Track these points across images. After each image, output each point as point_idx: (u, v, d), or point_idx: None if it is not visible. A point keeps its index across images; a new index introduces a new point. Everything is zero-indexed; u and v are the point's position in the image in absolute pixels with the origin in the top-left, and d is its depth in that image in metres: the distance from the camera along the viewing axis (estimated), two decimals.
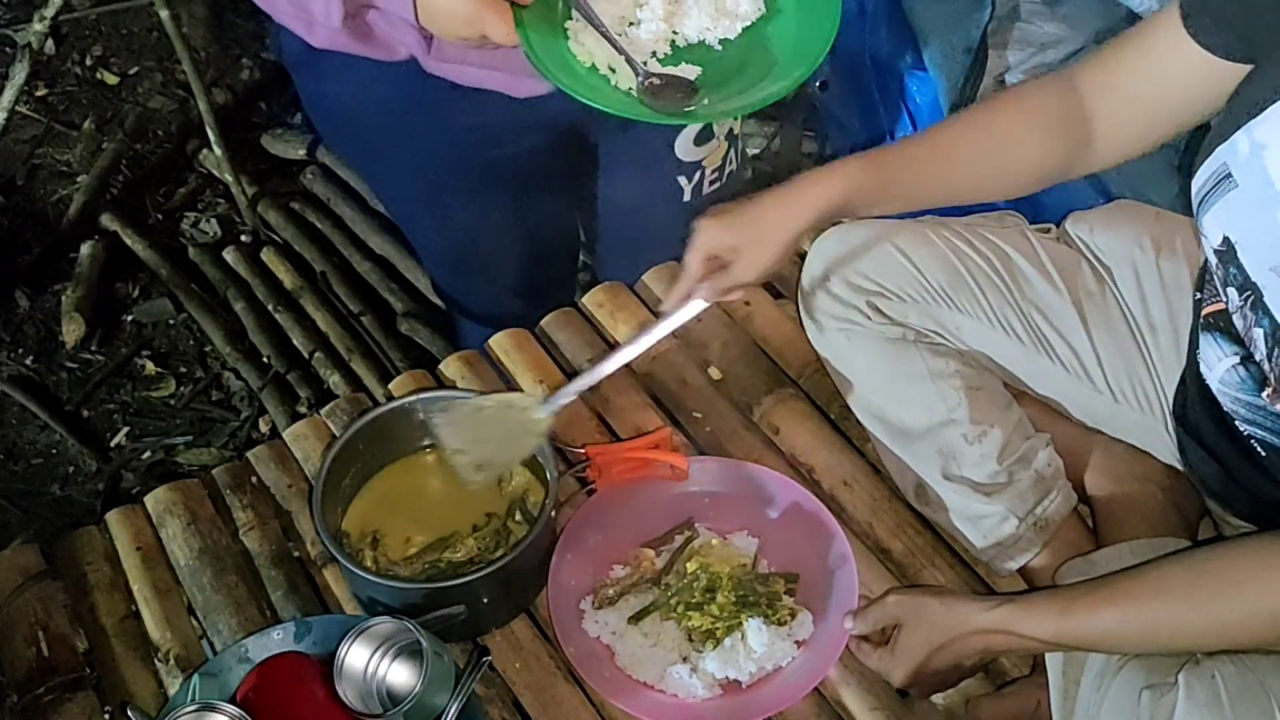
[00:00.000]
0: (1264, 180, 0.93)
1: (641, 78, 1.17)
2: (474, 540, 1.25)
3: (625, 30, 1.21)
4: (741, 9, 1.23)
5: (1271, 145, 0.92)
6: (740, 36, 1.23)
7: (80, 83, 2.68)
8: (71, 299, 2.23)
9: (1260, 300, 0.96)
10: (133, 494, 1.98)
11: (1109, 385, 1.25)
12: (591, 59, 1.21)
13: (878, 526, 1.31)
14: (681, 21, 1.22)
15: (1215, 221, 0.99)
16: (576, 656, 1.18)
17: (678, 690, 1.17)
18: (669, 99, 1.16)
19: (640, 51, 1.20)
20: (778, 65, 1.19)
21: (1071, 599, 1.03)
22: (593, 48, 1.20)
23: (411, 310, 2.22)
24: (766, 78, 1.19)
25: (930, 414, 1.24)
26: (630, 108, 1.17)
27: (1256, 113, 0.93)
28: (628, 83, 1.19)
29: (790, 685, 1.17)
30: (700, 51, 1.22)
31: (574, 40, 1.21)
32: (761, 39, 1.22)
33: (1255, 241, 0.96)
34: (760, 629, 1.18)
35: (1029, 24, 1.55)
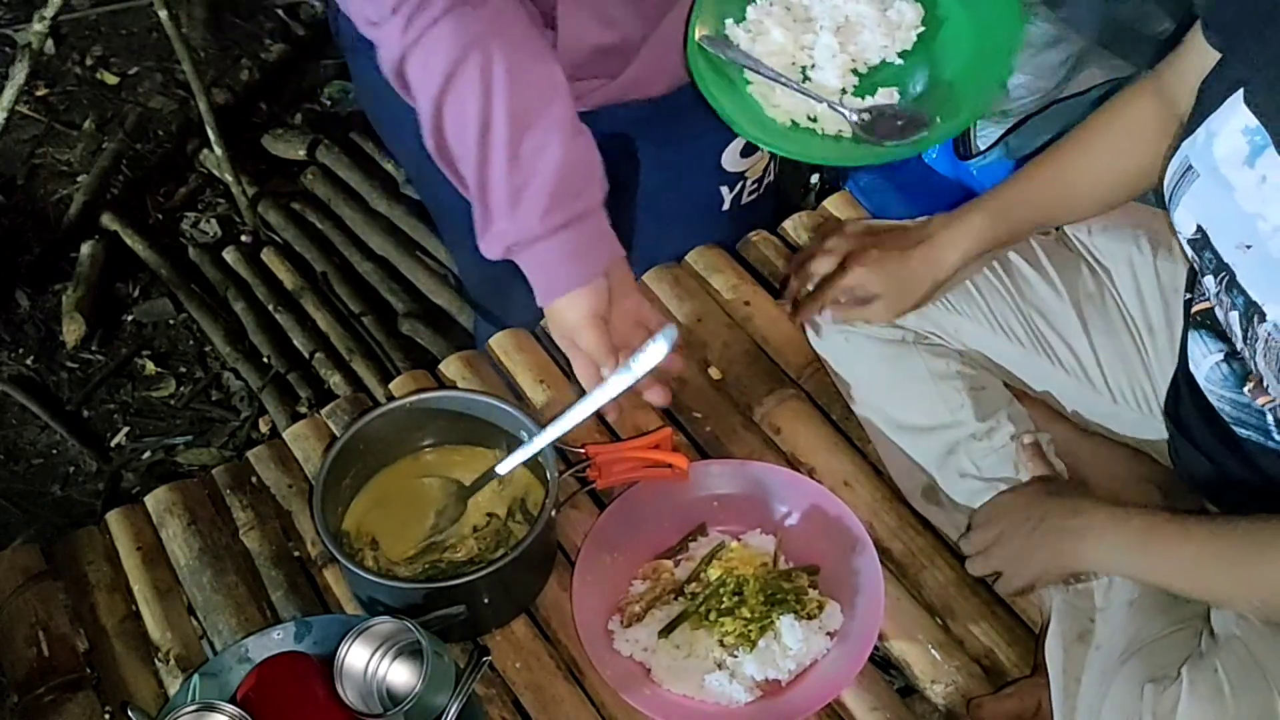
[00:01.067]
0: (1212, 165, 0.97)
1: (851, 115, 1.17)
2: (474, 540, 1.25)
3: (809, 75, 1.21)
4: (907, 17, 1.21)
5: (1220, 133, 0.97)
6: (917, 44, 1.22)
7: (80, 83, 2.68)
8: (71, 299, 2.23)
9: (1234, 280, 0.99)
10: (133, 494, 1.98)
11: (1108, 386, 1.26)
12: (789, 116, 1.20)
13: (878, 526, 1.31)
14: (856, 49, 1.21)
15: (1186, 212, 1.02)
16: (614, 679, 1.17)
17: (719, 698, 1.17)
18: (889, 129, 1.17)
19: (831, 92, 1.19)
20: (970, 57, 1.19)
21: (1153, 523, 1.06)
22: (786, 105, 1.20)
23: (412, 310, 2.22)
24: (967, 75, 1.18)
25: (934, 415, 1.24)
26: (871, 154, 1.19)
27: (1215, 105, 0.98)
28: (835, 126, 1.18)
29: (831, 677, 1.17)
30: (885, 72, 1.21)
31: (766, 105, 1.20)
32: (939, 39, 1.21)
33: (1221, 224, 0.99)
34: (793, 625, 1.18)
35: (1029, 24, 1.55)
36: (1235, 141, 0.96)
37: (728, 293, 1.53)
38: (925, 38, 1.22)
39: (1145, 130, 1.16)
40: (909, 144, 1.17)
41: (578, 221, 1.15)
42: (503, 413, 1.27)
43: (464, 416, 1.29)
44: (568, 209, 1.14)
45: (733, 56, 1.20)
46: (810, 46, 1.21)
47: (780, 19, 1.22)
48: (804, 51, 1.22)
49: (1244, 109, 0.95)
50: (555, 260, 1.16)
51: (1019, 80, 1.54)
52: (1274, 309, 0.96)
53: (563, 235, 1.14)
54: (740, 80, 1.22)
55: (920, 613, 1.24)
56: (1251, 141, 0.95)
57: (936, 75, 1.21)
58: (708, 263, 1.57)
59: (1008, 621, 1.23)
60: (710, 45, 1.21)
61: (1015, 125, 1.49)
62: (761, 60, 1.20)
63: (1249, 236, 0.97)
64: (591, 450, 1.31)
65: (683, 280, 1.55)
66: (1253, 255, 0.97)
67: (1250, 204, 0.96)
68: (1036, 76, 1.52)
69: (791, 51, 1.21)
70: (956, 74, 1.20)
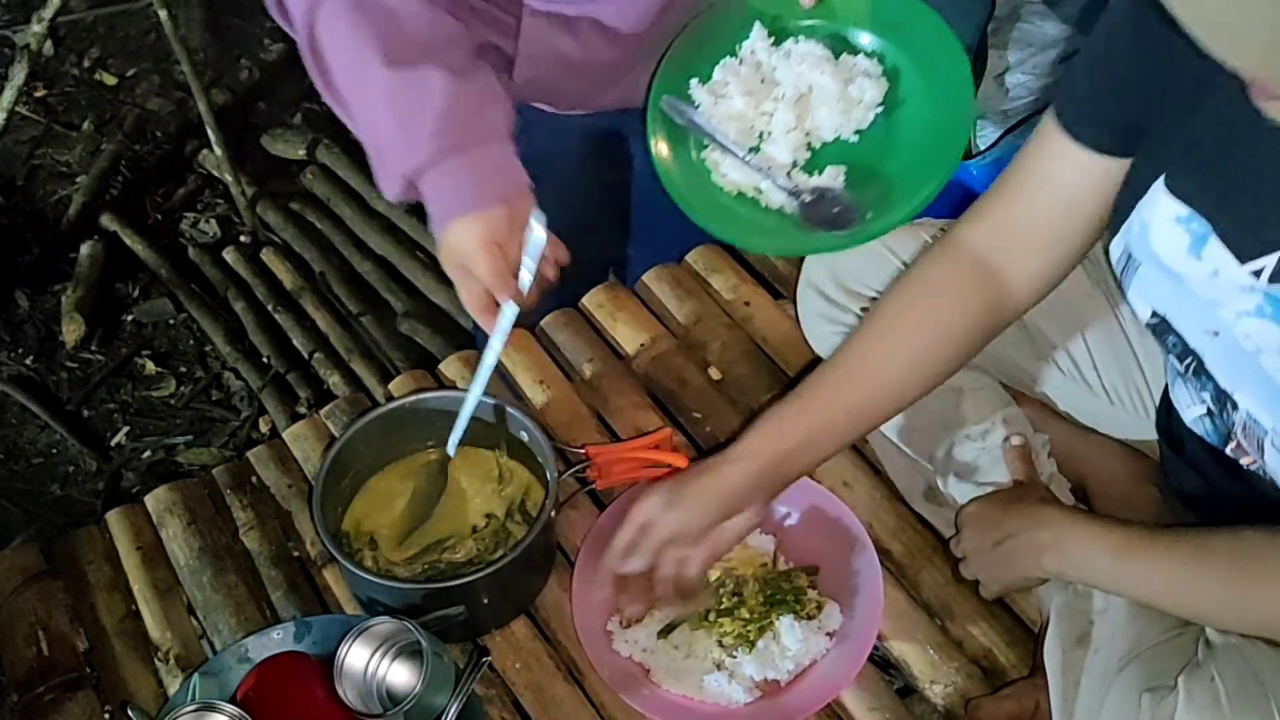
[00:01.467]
0: (1156, 258, 0.94)
1: (792, 196, 1.17)
2: (473, 541, 1.25)
3: (761, 145, 1.21)
4: (868, 95, 1.22)
5: (1153, 223, 0.93)
6: (874, 122, 1.22)
7: (79, 84, 2.68)
8: (71, 299, 2.23)
9: (1202, 366, 0.97)
10: (133, 494, 1.98)
11: (1104, 388, 1.26)
12: (736, 188, 1.21)
13: (877, 526, 1.31)
14: (812, 123, 1.22)
15: (1139, 297, 1.00)
16: (613, 679, 1.17)
17: (718, 699, 1.17)
18: (823, 214, 1.17)
19: (780, 164, 1.20)
20: (924, 143, 1.19)
21: (1130, 539, 1.02)
22: (734, 176, 1.21)
23: (411, 310, 2.22)
24: (917, 161, 1.18)
25: (930, 415, 1.24)
26: (798, 242, 1.20)
27: (1141, 193, 0.94)
28: (779, 200, 1.19)
29: (830, 677, 1.18)
30: (839, 149, 1.22)
31: (715, 172, 1.22)
32: (896, 117, 1.22)
33: (1181, 311, 0.96)
34: (792, 625, 1.18)
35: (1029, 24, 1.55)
36: (1172, 233, 0.91)
37: (727, 293, 1.53)
38: (883, 117, 1.23)
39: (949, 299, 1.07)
40: (839, 236, 1.19)
41: (472, 147, 1.12)
42: (502, 413, 1.27)
43: None
44: (457, 134, 1.11)
45: (689, 121, 1.22)
46: (770, 113, 1.22)
47: (745, 81, 1.24)
48: (764, 117, 1.23)
49: (1169, 197, 0.92)
50: (449, 186, 1.12)
51: (1019, 80, 1.54)
52: (1245, 398, 0.93)
53: (454, 161, 1.11)
54: (696, 143, 1.24)
55: (919, 613, 1.24)
56: (1190, 230, 0.90)
57: (884, 163, 1.22)
58: (708, 263, 1.57)
59: (1007, 622, 1.24)
60: (669, 108, 1.23)
61: (1015, 125, 1.49)
62: (719, 125, 1.21)
63: (1214, 324, 0.93)
64: (591, 451, 1.31)
65: (683, 280, 1.55)
66: (1220, 343, 0.93)
67: (1206, 292, 0.91)
68: (1036, 76, 1.52)
69: (751, 117, 1.23)
70: (898, 170, 1.20)
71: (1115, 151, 0.98)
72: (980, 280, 1.07)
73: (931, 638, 1.22)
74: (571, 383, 1.46)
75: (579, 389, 1.45)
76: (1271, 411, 0.92)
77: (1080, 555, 1.06)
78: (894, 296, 1.11)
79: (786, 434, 1.09)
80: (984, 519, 1.15)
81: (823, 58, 1.23)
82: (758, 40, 1.25)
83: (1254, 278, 0.87)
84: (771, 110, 1.22)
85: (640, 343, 1.49)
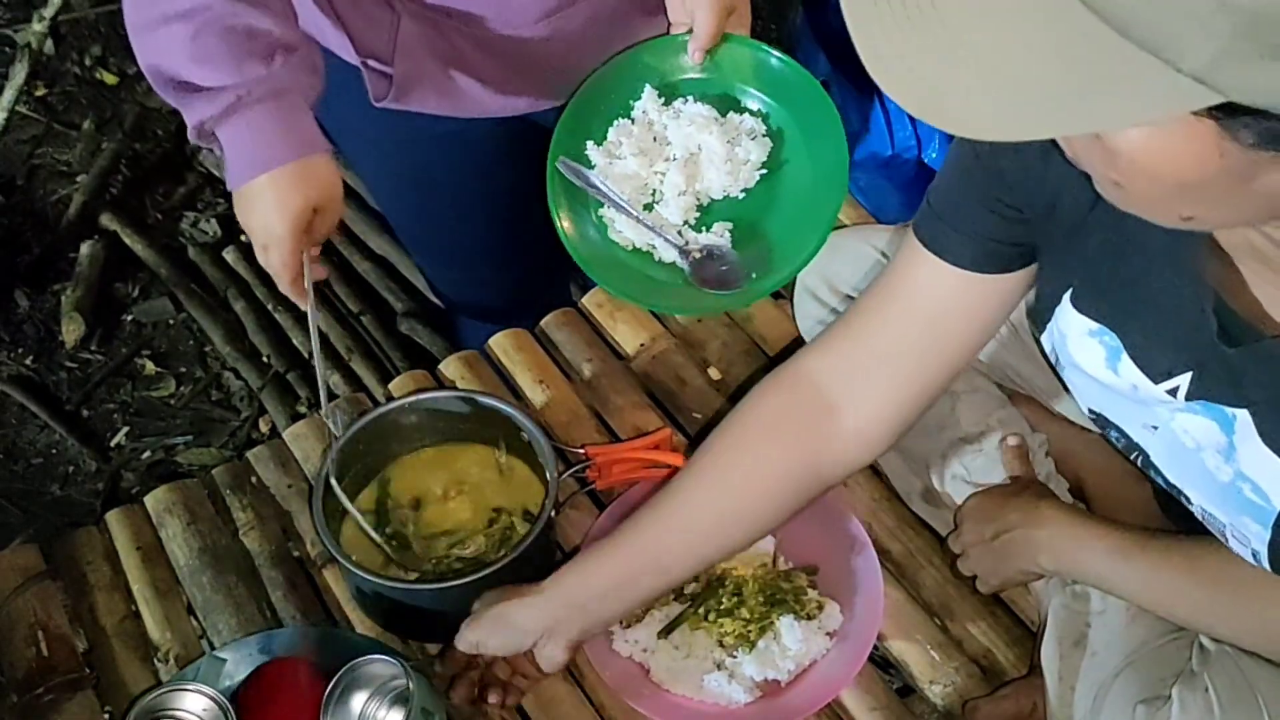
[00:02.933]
0: (1079, 368, 0.92)
1: (682, 255, 1.25)
2: (484, 537, 1.25)
3: (654, 204, 1.28)
4: (753, 156, 1.28)
5: (1069, 334, 0.90)
6: (759, 182, 1.28)
7: (80, 82, 2.68)
8: (71, 299, 2.23)
9: (1149, 460, 0.94)
10: (133, 494, 1.98)
11: None
12: (631, 243, 1.28)
13: (877, 526, 1.31)
14: (702, 184, 1.28)
15: (1075, 395, 0.98)
16: (614, 679, 1.17)
17: (718, 699, 1.17)
18: (711, 273, 1.24)
19: (672, 223, 1.27)
20: (803, 204, 1.25)
21: (1126, 543, 1.02)
22: (629, 232, 1.28)
23: (411, 310, 2.22)
24: (796, 222, 1.24)
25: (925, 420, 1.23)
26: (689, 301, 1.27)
27: (1056, 301, 0.91)
28: (671, 255, 1.26)
29: (830, 677, 1.18)
30: (727, 206, 1.28)
31: (611, 229, 1.28)
32: (779, 177, 1.28)
33: (1116, 410, 0.93)
34: (793, 625, 1.18)
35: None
36: (1087, 346, 0.89)
37: None
38: (767, 178, 1.29)
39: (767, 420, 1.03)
40: (726, 296, 1.25)
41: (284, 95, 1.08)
42: (502, 413, 1.27)
43: (464, 416, 1.29)
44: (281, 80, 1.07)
45: (585, 182, 1.27)
46: (662, 173, 1.28)
47: (638, 140, 1.28)
48: (656, 176, 1.29)
49: (1075, 312, 0.88)
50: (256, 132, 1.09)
51: None
52: (1195, 494, 0.90)
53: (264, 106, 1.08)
54: (593, 202, 1.29)
55: (919, 613, 1.24)
56: (1104, 344, 0.88)
57: (768, 221, 1.27)
58: None
59: (1006, 621, 1.24)
60: (566, 170, 1.27)
61: None
62: (613, 185, 1.27)
63: (1151, 418, 0.89)
64: (591, 451, 1.31)
65: None
66: (1160, 437, 0.89)
67: (1134, 398, 0.88)
68: None
69: (644, 176, 1.28)
70: (780, 229, 1.26)
71: (992, 269, 0.92)
72: (813, 422, 1.01)
73: (931, 637, 1.22)
74: (571, 383, 1.46)
75: (579, 389, 1.45)
76: (1223, 509, 0.87)
77: (1075, 554, 1.06)
78: (724, 433, 1.05)
79: (592, 578, 1.08)
80: (983, 512, 1.15)
81: (710, 118, 1.28)
82: (648, 100, 1.29)
83: (1170, 396, 0.84)
84: (664, 170, 1.28)
85: (640, 343, 1.49)
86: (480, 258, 1.61)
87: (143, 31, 1.09)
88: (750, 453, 1.04)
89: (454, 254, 1.62)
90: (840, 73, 1.83)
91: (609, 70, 1.29)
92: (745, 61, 1.28)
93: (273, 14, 1.08)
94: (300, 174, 1.10)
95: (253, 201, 1.11)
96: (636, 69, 1.29)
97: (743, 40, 1.26)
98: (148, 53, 1.10)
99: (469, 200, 1.49)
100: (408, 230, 1.66)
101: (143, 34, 1.09)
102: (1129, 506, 1.22)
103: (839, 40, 1.75)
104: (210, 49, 1.06)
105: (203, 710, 1.10)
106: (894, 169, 1.76)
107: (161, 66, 1.09)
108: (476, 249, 1.60)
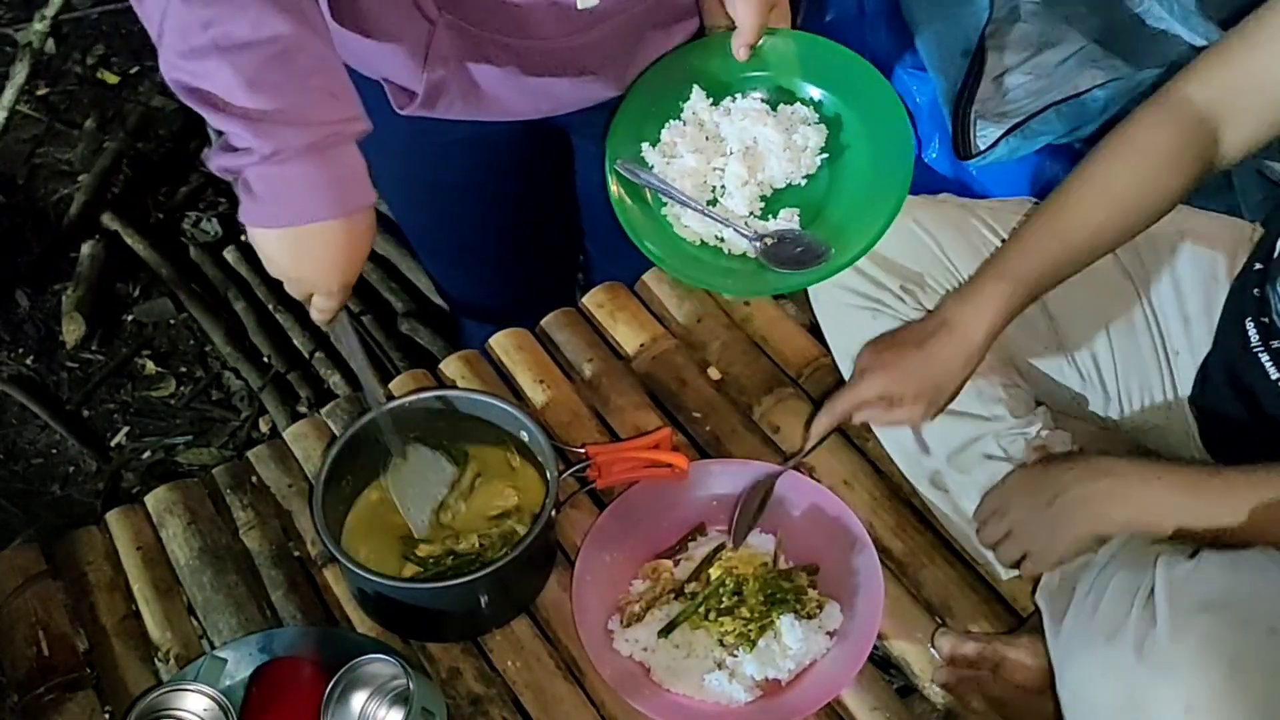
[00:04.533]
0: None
1: (754, 241, 1.23)
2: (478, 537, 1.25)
3: (718, 198, 1.27)
4: (811, 142, 1.27)
5: None
6: (821, 166, 1.28)
7: (81, 82, 2.68)
8: (72, 299, 2.23)
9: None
10: (133, 494, 1.98)
11: (1120, 394, 1.26)
12: (699, 237, 1.27)
13: (877, 526, 1.31)
14: (764, 174, 1.27)
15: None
16: (614, 678, 1.17)
17: (719, 698, 1.17)
18: (787, 254, 1.22)
19: (738, 217, 1.25)
20: (869, 183, 1.24)
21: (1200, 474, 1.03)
22: (696, 227, 1.27)
23: (411, 310, 2.22)
24: (864, 200, 1.23)
25: (967, 403, 1.23)
26: (767, 283, 1.25)
27: None
28: (741, 246, 1.25)
29: (831, 676, 1.18)
30: (791, 194, 1.27)
31: (677, 225, 1.27)
32: (841, 161, 1.27)
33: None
34: (793, 624, 1.18)
35: (1028, 24, 1.55)
36: None
37: None
38: (829, 162, 1.28)
39: (1170, 159, 1.10)
40: (806, 273, 1.22)
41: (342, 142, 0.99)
42: (502, 413, 1.27)
43: (464, 416, 1.29)
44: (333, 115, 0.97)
45: (646, 181, 1.26)
46: (721, 169, 1.27)
47: (693, 140, 1.28)
48: (716, 172, 1.28)
49: None
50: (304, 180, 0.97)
51: (1018, 80, 1.54)
52: None
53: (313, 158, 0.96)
54: (655, 200, 1.28)
55: (920, 612, 1.24)
56: None
57: (835, 202, 1.26)
58: None
59: (1008, 620, 1.23)
60: (626, 170, 1.27)
61: (1015, 125, 1.48)
62: (674, 182, 1.26)
63: None
64: (591, 450, 1.31)
65: None
66: None
67: None
68: (1036, 77, 1.52)
69: (704, 173, 1.27)
70: (848, 208, 1.25)
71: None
72: (1198, 144, 1.08)
73: (932, 636, 1.22)
74: (571, 382, 1.46)
75: (579, 389, 1.45)
76: None
77: (1148, 497, 1.04)
78: (1119, 153, 1.12)
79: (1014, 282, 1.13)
80: (1032, 482, 1.14)
81: (762, 111, 1.27)
82: (697, 101, 1.29)
83: None
84: (723, 165, 1.27)
85: (640, 343, 1.49)
86: (491, 259, 1.61)
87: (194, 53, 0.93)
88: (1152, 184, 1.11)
89: (464, 255, 1.62)
90: None
91: (654, 74, 1.29)
92: (791, 53, 1.27)
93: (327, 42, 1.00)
94: (362, 225, 1.02)
95: (308, 246, 1.01)
96: (684, 70, 1.29)
97: (786, 33, 1.26)
98: (191, 72, 0.95)
99: (481, 201, 1.49)
100: (417, 230, 1.66)
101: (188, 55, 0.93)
102: None
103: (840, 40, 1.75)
104: (280, 75, 0.94)
105: (203, 710, 1.11)
106: None
107: (216, 86, 0.94)
108: (487, 250, 1.60)
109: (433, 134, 1.32)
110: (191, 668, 1.18)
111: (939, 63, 1.54)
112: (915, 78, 1.64)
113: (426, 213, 1.55)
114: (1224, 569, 0.94)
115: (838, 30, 1.73)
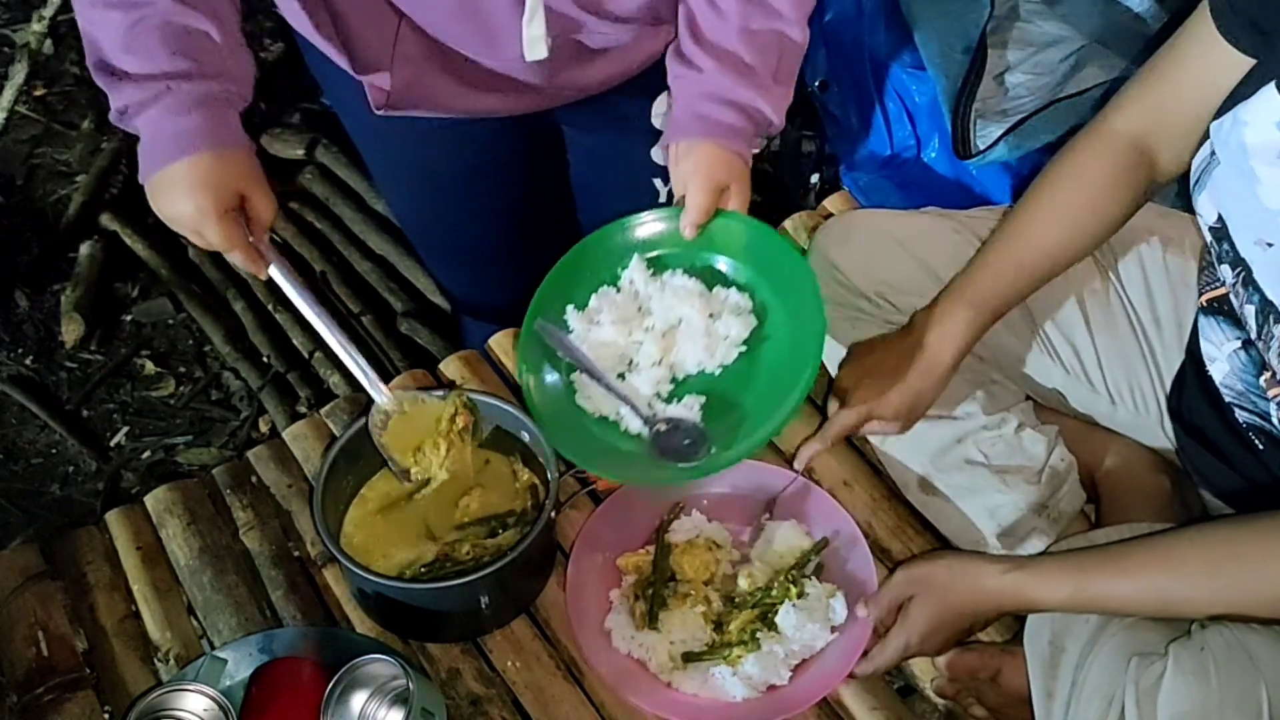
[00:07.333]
0: (1241, 153, 0.96)
1: (649, 425, 1.20)
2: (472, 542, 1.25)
3: (627, 372, 1.24)
4: (733, 332, 1.24)
5: (1253, 123, 0.96)
6: (739, 358, 1.24)
7: (79, 82, 2.68)
8: (71, 299, 2.23)
9: (1250, 276, 0.99)
10: (133, 494, 1.98)
11: (1107, 387, 1.26)
12: (597, 409, 1.24)
13: (877, 526, 1.31)
14: (677, 357, 1.24)
15: (1208, 200, 1.03)
16: (611, 676, 1.17)
17: (718, 693, 1.17)
18: (673, 445, 1.19)
19: (643, 394, 1.23)
20: (778, 378, 1.20)
21: (1084, 568, 1.05)
22: (598, 399, 1.24)
23: (411, 310, 2.22)
24: (770, 395, 1.20)
25: (943, 406, 1.24)
26: (644, 473, 1.21)
27: (1249, 95, 0.97)
28: (636, 426, 1.22)
29: (829, 669, 1.18)
30: (701, 380, 1.24)
31: (580, 393, 1.25)
32: (758, 353, 1.24)
33: (1240, 216, 0.99)
34: (792, 614, 1.19)
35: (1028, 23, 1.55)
36: (1269, 135, 0.95)
37: None
38: (746, 355, 1.24)
39: (1100, 184, 1.15)
40: (682, 468, 1.19)
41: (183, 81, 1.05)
42: (502, 412, 1.27)
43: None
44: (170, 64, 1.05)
45: (558, 344, 1.25)
46: (639, 342, 1.25)
47: (620, 309, 1.25)
48: (634, 345, 1.25)
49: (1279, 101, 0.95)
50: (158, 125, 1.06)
51: (1019, 80, 1.54)
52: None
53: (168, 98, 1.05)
54: (566, 364, 1.26)
55: None
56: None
57: (741, 394, 1.23)
58: None
59: (1008, 621, 1.24)
60: (542, 331, 1.25)
61: (1015, 125, 1.49)
62: (589, 351, 1.24)
63: (1269, 234, 0.97)
64: None
65: None
66: (1271, 254, 0.97)
67: (1273, 200, 0.95)
68: (1036, 76, 1.52)
69: (621, 345, 1.25)
70: (754, 402, 1.21)
71: (1248, 51, 1.01)
72: (1137, 167, 1.13)
73: None
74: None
75: None
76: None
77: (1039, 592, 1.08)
78: (1064, 181, 1.16)
79: (975, 307, 1.17)
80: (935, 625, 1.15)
81: (694, 292, 1.24)
82: (636, 270, 1.27)
83: None
84: (640, 340, 1.25)
85: None
86: (490, 257, 1.61)
87: (85, 7, 1.07)
88: (1097, 209, 1.16)
89: (464, 253, 1.62)
90: (839, 72, 1.83)
91: (601, 236, 1.28)
92: (737, 238, 1.25)
93: (215, 19, 1.07)
94: (218, 160, 1.07)
95: (170, 187, 1.07)
96: (628, 237, 1.28)
97: (737, 216, 1.22)
98: (85, 23, 1.08)
99: (479, 198, 1.49)
100: (417, 229, 1.66)
101: (85, 8, 1.07)
102: (1145, 495, 1.23)
103: (838, 39, 1.75)
104: (144, 40, 1.04)
105: (203, 710, 1.10)
106: (893, 168, 1.76)
107: (98, 43, 1.07)
108: (486, 248, 1.60)
109: (426, 128, 1.32)
110: (191, 668, 1.18)
111: (939, 60, 1.54)
112: (914, 77, 1.65)
113: (424, 208, 1.55)
114: (1196, 678, 0.95)
115: (837, 30, 1.73)
